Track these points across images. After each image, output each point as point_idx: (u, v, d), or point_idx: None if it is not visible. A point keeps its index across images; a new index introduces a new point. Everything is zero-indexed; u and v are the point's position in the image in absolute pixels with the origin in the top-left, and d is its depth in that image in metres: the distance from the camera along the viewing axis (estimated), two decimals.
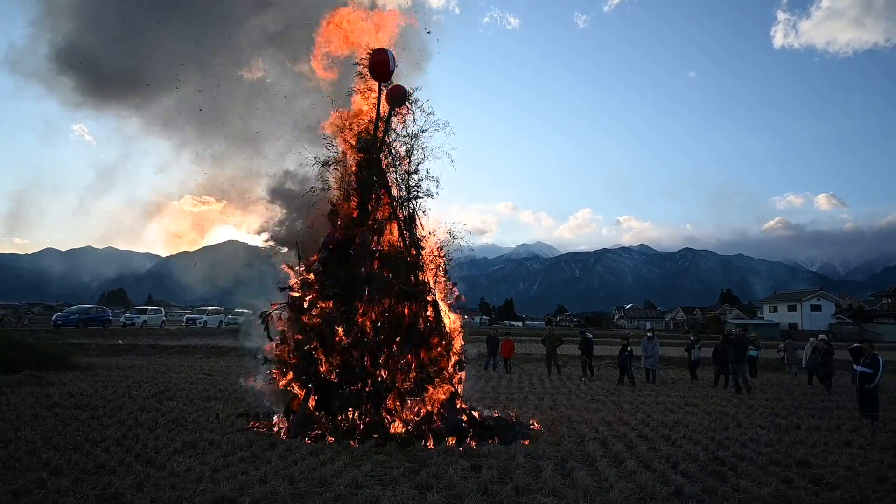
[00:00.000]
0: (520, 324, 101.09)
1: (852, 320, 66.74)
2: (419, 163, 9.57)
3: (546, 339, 20.32)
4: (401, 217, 9.37)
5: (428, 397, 8.59)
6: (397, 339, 8.65)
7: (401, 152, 9.58)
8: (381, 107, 9.50)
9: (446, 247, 9.51)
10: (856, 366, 10.78)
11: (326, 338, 8.56)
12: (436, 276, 9.38)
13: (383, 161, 9.42)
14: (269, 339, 9.29)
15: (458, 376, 9.20)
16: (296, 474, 6.11)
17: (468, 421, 8.65)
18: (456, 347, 9.17)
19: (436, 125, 9.48)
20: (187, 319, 46.69)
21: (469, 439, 8.13)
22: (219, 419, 9.20)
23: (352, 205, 9.29)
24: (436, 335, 8.92)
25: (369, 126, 9.53)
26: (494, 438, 8.25)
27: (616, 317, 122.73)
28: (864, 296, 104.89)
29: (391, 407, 8.48)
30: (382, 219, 9.30)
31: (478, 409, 9.46)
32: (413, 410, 8.51)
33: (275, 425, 8.68)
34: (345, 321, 8.63)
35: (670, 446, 8.13)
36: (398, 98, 9.43)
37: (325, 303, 8.84)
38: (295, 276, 9.35)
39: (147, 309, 46.62)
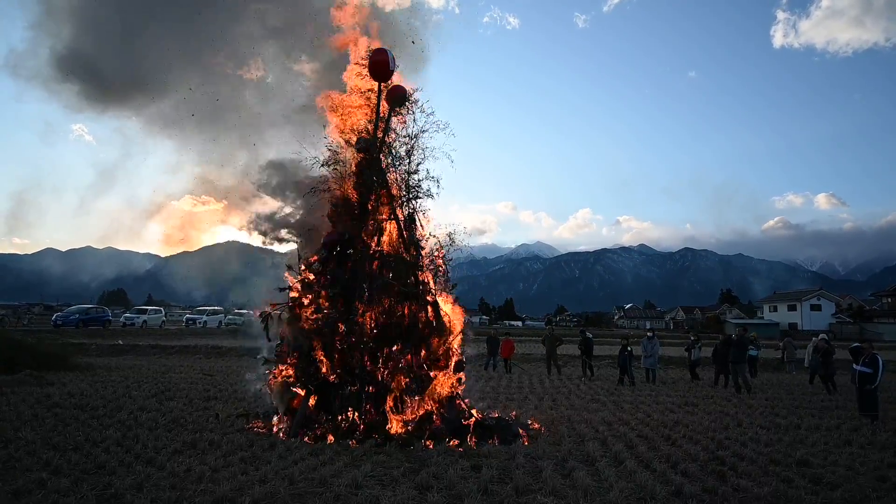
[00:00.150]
0: (520, 324, 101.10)
1: (852, 320, 66.73)
2: (419, 163, 9.58)
3: (546, 340, 20.33)
4: (401, 217, 9.38)
5: (428, 397, 8.59)
6: (397, 340, 8.65)
7: (401, 152, 9.59)
8: (381, 107, 9.51)
9: (446, 248, 9.51)
10: (855, 365, 10.79)
11: (326, 338, 8.56)
12: (435, 276, 9.39)
13: (383, 161, 9.42)
14: (269, 339, 9.30)
15: (458, 376, 9.20)
16: (296, 474, 6.11)
17: (468, 421, 8.66)
18: (455, 347, 9.18)
19: (436, 126, 9.49)
20: (187, 319, 46.68)
21: (469, 439, 8.13)
22: (219, 419, 9.20)
23: (352, 205, 9.29)
24: (435, 335, 8.92)
25: (369, 126, 9.53)
26: (494, 438, 8.25)
27: (616, 317, 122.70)
28: (864, 295, 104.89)
29: (391, 407, 8.48)
30: (382, 219, 9.30)
31: (478, 409, 9.46)
32: (413, 410, 8.51)
33: (275, 425, 8.68)
34: (345, 321, 8.63)
35: (670, 446, 8.14)
36: (398, 98, 9.43)
37: (325, 303, 8.84)
38: (295, 277, 9.35)
39: (147, 309, 46.60)
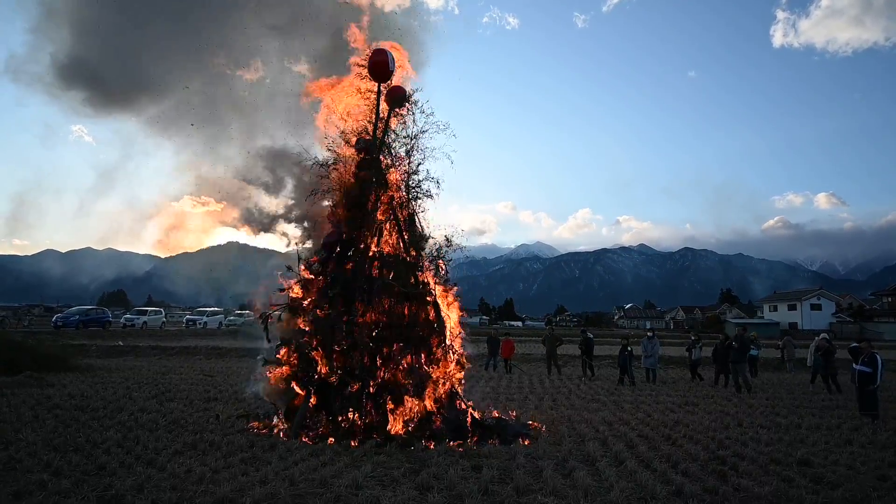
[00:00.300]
0: (519, 324, 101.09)
1: (852, 319, 66.71)
2: (419, 163, 9.58)
3: (546, 340, 20.35)
4: (401, 218, 9.37)
5: (428, 398, 8.58)
6: (397, 340, 8.65)
7: (400, 153, 9.59)
8: (381, 107, 9.51)
9: (445, 250, 9.51)
10: (855, 365, 10.81)
11: (326, 338, 8.56)
12: (435, 276, 9.38)
13: (383, 162, 9.42)
14: (269, 340, 9.29)
15: (458, 377, 9.20)
16: (296, 475, 6.11)
17: (468, 421, 8.66)
18: (456, 348, 9.17)
19: (436, 126, 9.50)
20: (187, 320, 46.66)
21: (469, 439, 8.13)
22: (219, 420, 9.20)
23: (352, 205, 9.29)
24: (435, 336, 8.92)
25: (368, 126, 9.54)
26: (495, 438, 8.25)
27: (616, 317, 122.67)
28: (864, 295, 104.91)
29: (391, 407, 8.47)
30: (382, 219, 9.30)
31: (478, 410, 9.46)
32: (413, 411, 8.51)
33: (275, 426, 8.68)
34: (345, 322, 8.63)
35: (671, 446, 8.14)
36: (398, 99, 9.44)
37: (325, 303, 8.84)
38: (295, 277, 9.35)
39: (147, 310, 46.60)
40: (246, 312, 42.37)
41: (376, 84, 9.51)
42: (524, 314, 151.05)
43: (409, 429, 8.28)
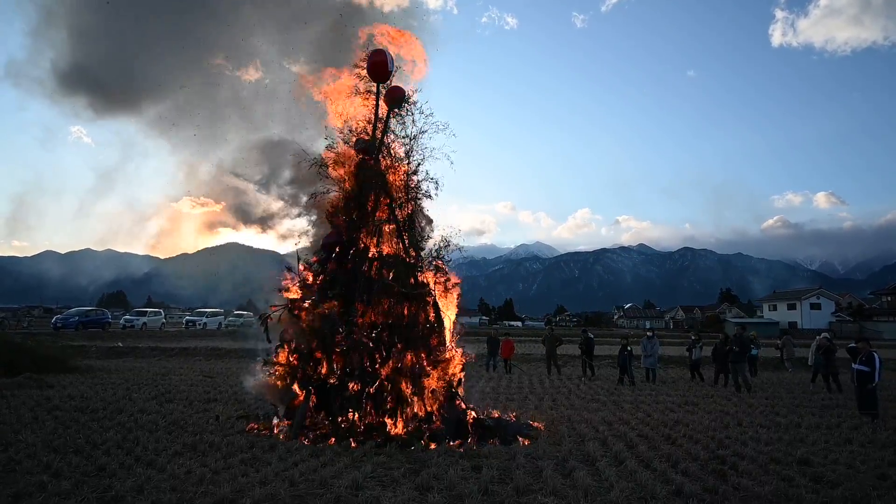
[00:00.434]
0: (519, 324, 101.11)
1: (852, 318, 66.76)
2: (418, 164, 9.58)
3: (546, 340, 20.37)
4: (400, 218, 9.37)
5: (427, 398, 8.58)
6: (397, 340, 8.64)
7: (400, 153, 9.59)
8: (380, 108, 9.51)
9: (444, 250, 9.51)
10: (854, 364, 10.85)
11: (326, 339, 8.55)
12: (435, 276, 9.38)
13: (382, 162, 9.42)
14: (269, 340, 9.29)
15: (458, 377, 9.20)
16: (296, 476, 6.11)
17: (468, 421, 8.65)
18: (455, 348, 9.17)
19: (435, 127, 9.50)
20: (187, 321, 46.61)
21: (469, 440, 8.13)
22: (219, 421, 9.19)
23: (351, 206, 9.29)
24: (435, 336, 8.92)
25: (368, 127, 9.54)
26: (494, 438, 8.25)
27: (615, 316, 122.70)
28: (864, 294, 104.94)
29: (391, 408, 8.47)
30: (382, 220, 9.30)
31: (478, 410, 9.45)
32: (413, 411, 8.51)
33: (275, 427, 8.67)
34: (345, 322, 8.63)
35: (671, 445, 8.14)
36: (397, 99, 9.44)
37: (325, 304, 8.83)
38: (294, 278, 9.35)
39: (146, 311, 46.57)
40: (245, 313, 42.39)
41: (375, 84, 9.52)
42: (524, 314, 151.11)
43: (409, 429, 8.28)
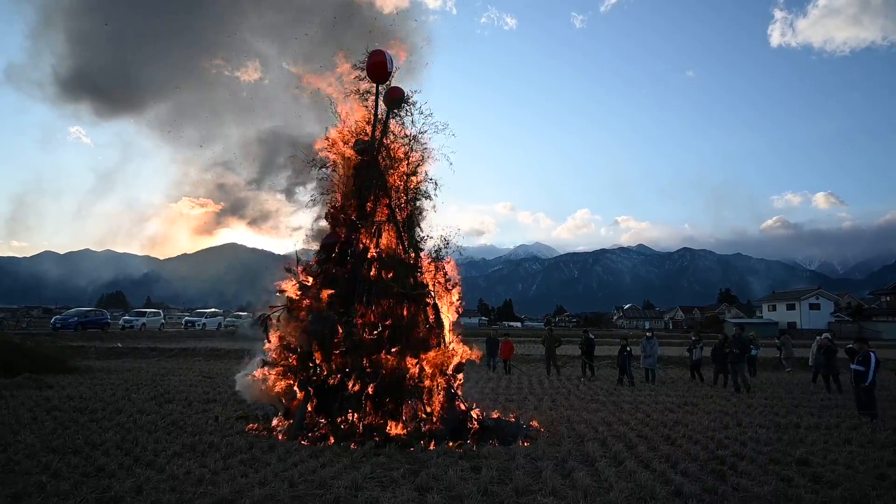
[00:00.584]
0: (518, 324, 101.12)
1: (851, 319, 66.82)
2: (418, 164, 9.58)
3: (545, 340, 20.38)
4: (399, 219, 9.37)
5: (427, 398, 8.58)
6: (396, 341, 8.64)
7: (399, 154, 9.59)
8: (379, 108, 9.51)
9: (444, 250, 9.51)
10: (852, 364, 10.89)
11: (325, 340, 8.55)
12: (434, 277, 9.38)
13: (382, 163, 9.42)
14: (268, 341, 9.28)
15: (458, 377, 9.19)
16: (295, 476, 6.11)
17: (468, 422, 8.65)
18: (455, 349, 9.17)
19: (434, 127, 9.50)
20: (186, 322, 46.59)
21: (468, 440, 8.13)
22: (218, 422, 9.18)
23: (350, 207, 9.29)
24: (435, 337, 8.91)
25: (367, 127, 9.54)
26: (494, 439, 8.24)
27: (615, 317, 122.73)
28: (863, 294, 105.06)
29: (390, 408, 8.47)
30: (381, 221, 9.30)
31: (477, 410, 9.45)
32: (412, 412, 8.50)
33: (274, 427, 8.67)
34: (344, 323, 8.62)
35: (670, 446, 8.14)
36: (396, 100, 9.43)
37: (324, 305, 8.83)
38: (294, 279, 9.34)
39: (146, 311, 46.56)
40: (245, 314, 42.36)
41: (375, 85, 9.51)
42: (523, 315, 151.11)
43: (409, 430, 8.27)
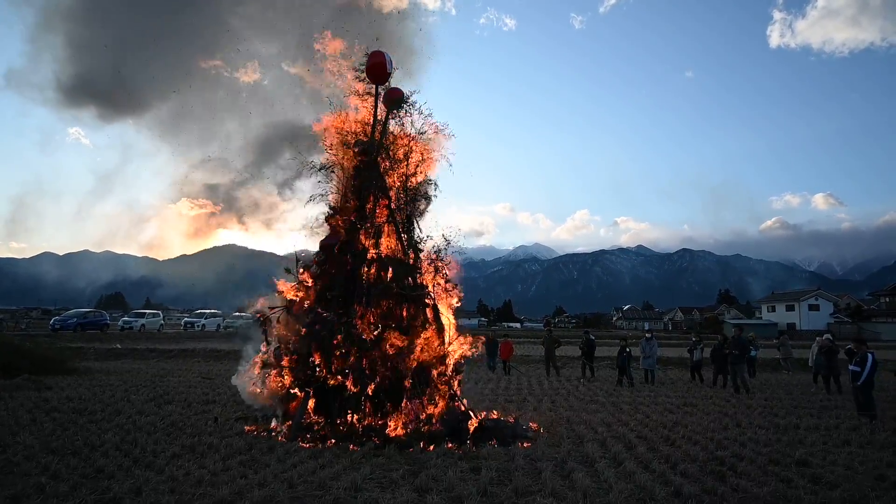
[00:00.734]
0: (518, 325, 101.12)
1: (850, 319, 66.85)
2: (417, 165, 9.58)
3: (545, 341, 20.40)
4: (399, 220, 9.38)
5: (427, 400, 8.58)
6: (396, 342, 8.63)
7: (399, 155, 9.59)
8: (379, 109, 9.52)
9: (443, 250, 9.51)
10: (851, 366, 10.93)
11: (325, 341, 8.55)
12: (434, 278, 9.38)
13: (381, 164, 9.42)
14: (267, 342, 9.28)
15: (457, 378, 9.19)
16: (295, 477, 6.11)
17: (467, 423, 8.65)
18: (455, 350, 9.17)
19: (434, 127, 9.51)
20: (185, 323, 46.54)
21: (468, 441, 8.12)
22: (217, 423, 9.18)
23: (350, 208, 9.29)
24: (434, 337, 8.91)
25: (367, 128, 9.54)
26: (493, 440, 8.24)
27: (614, 318, 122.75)
28: (862, 295, 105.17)
29: (390, 409, 8.46)
30: (380, 222, 9.30)
31: (477, 411, 9.45)
32: (412, 413, 8.50)
33: (273, 428, 8.66)
34: (343, 324, 8.62)
35: (669, 447, 8.14)
36: (396, 101, 9.44)
37: (324, 306, 8.83)
38: (293, 280, 9.35)
39: (145, 312, 46.49)
40: (244, 314, 42.32)
41: (374, 86, 9.52)
42: (523, 316, 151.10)
43: (408, 431, 8.27)
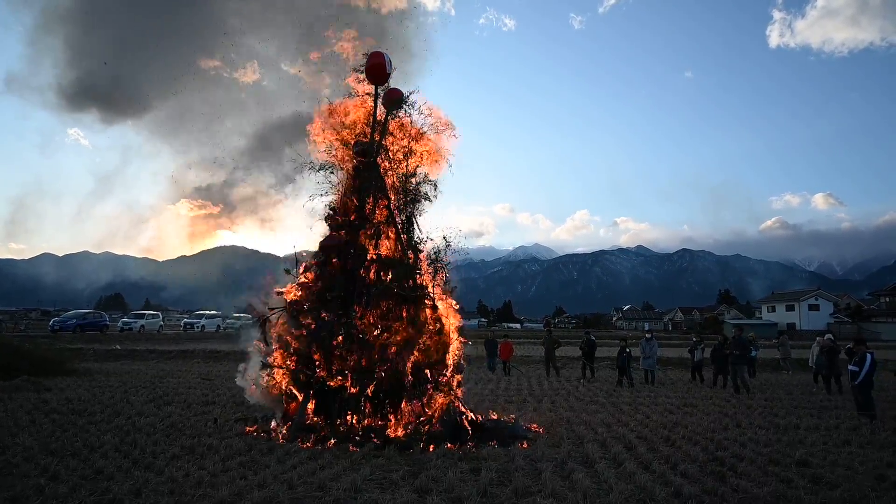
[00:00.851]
0: (518, 326, 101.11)
1: (850, 319, 66.87)
2: (417, 166, 9.58)
3: (545, 341, 20.41)
4: (399, 221, 9.37)
5: (427, 400, 8.57)
6: (395, 343, 8.63)
7: (398, 156, 9.59)
8: (378, 110, 9.51)
9: (443, 251, 9.51)
10: (850, 365, 10.96)
11: (325, 342, 8.54)
12: (434, 279, 9.37)
13: (381, 164, 9.42)
14: (267, 343, 9.27)
15: (457, 379, 9.18)
16: (294, 479, 6.10)
17: (467, 423, 8.64)
18: (454, 350, 9.16)
19: (433, 128, 9.51)
20: (185, 323, 46.56)
21: (468, 442, 8.12)
22: (217, 424, 9.17)
23: (350, 208, 9.29)
24: (434, 338, 8.90)
25: (366, 129, 9.54)
26: (493, 441, 8.23)
27: (614, 318, 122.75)
28: (862, 295, 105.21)
29: (390, 410, 8.46)
30: (380, 222, 9.29)
31: (477, 412, 9.45)
32: (412, 414, 8.49)
33: (273, 430, 8.65)
34: (343, 325, 8.61)
35: (669, 447, 8.13)
36: (395, 102, 9.43)
37: (324, 307, 8.82)
38: (293, 280, 9.34)
39: (144, 313, 46.50)
40: (244, 315, 42.36)
41: (374, 87, 9.52)
42: (523, 316, 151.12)
43: (408, 431, 8.26)
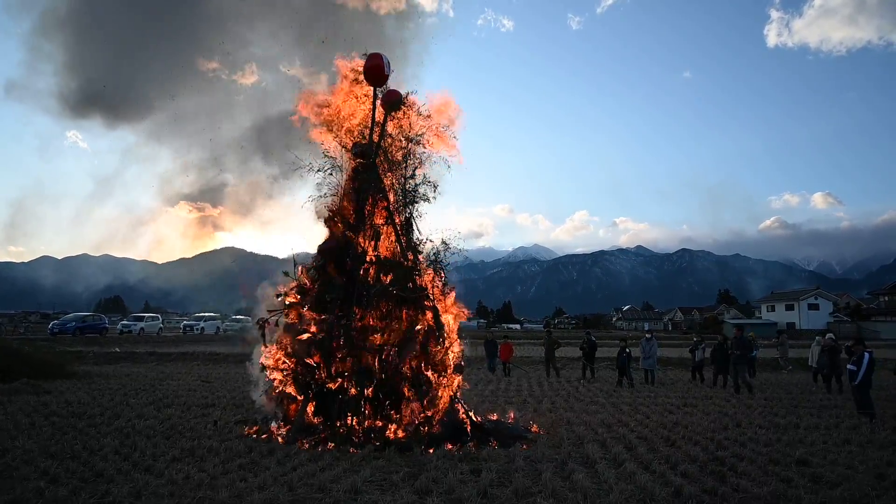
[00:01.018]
0: (518, 326, 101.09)
1: (850, 319, 66.91)
2: (416, 167, 9.59)
3: (545, 342, 20.41)
4: (398, 222, 9.38)
5: (427, 401, 8.57)
6: (395, 344, 8.63)
7: (397, 157, 9.60)
8: (377, 111, 9.52)
9: (442, 252, 9.52)
10: (849, 365, 10.99)
11: (324, 343, 8.54)
12: (433, 280, 9.38)
13: (380, 166, 9.42)
14: (267, 345, 9.26)
15: (457, 380, 9.18)
16: (295, 480, 6.10)
17: (467, 424, 8.64)
18: (454, 351, 9.16)
19: (432, 129, 9.51)
20: (184, 326, 46.56)
21: (468, 443, 8.12)
22: (217, 426, 9.16)
23: (349, 210, 9.29)
24: (434, 339, 8.90)
25: (365, 130, 9.54)
26: (493, 441, 8.23)
27: (614, 318, 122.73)
28: (861, 294, 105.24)
29: (390, 412, 8.45)
30: (379, 224, 9.30)
31: (477, 412, 9.45)
32: (412, 415, 8.49)
33: (273, 432, 8.65)
34: (343, 326, 8.61)
35: (670, 447, 8.14)
36: (394, 103, 9.44)
37: (323, 308, 8.82)
38: (292, 283, 9.34)
39: (144, 316, 46.50)
40: (243, 317, 42.36)
41: (372, 88, 9.53)
42: (523, 317, 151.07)
43: (408, 433, 8.26)
